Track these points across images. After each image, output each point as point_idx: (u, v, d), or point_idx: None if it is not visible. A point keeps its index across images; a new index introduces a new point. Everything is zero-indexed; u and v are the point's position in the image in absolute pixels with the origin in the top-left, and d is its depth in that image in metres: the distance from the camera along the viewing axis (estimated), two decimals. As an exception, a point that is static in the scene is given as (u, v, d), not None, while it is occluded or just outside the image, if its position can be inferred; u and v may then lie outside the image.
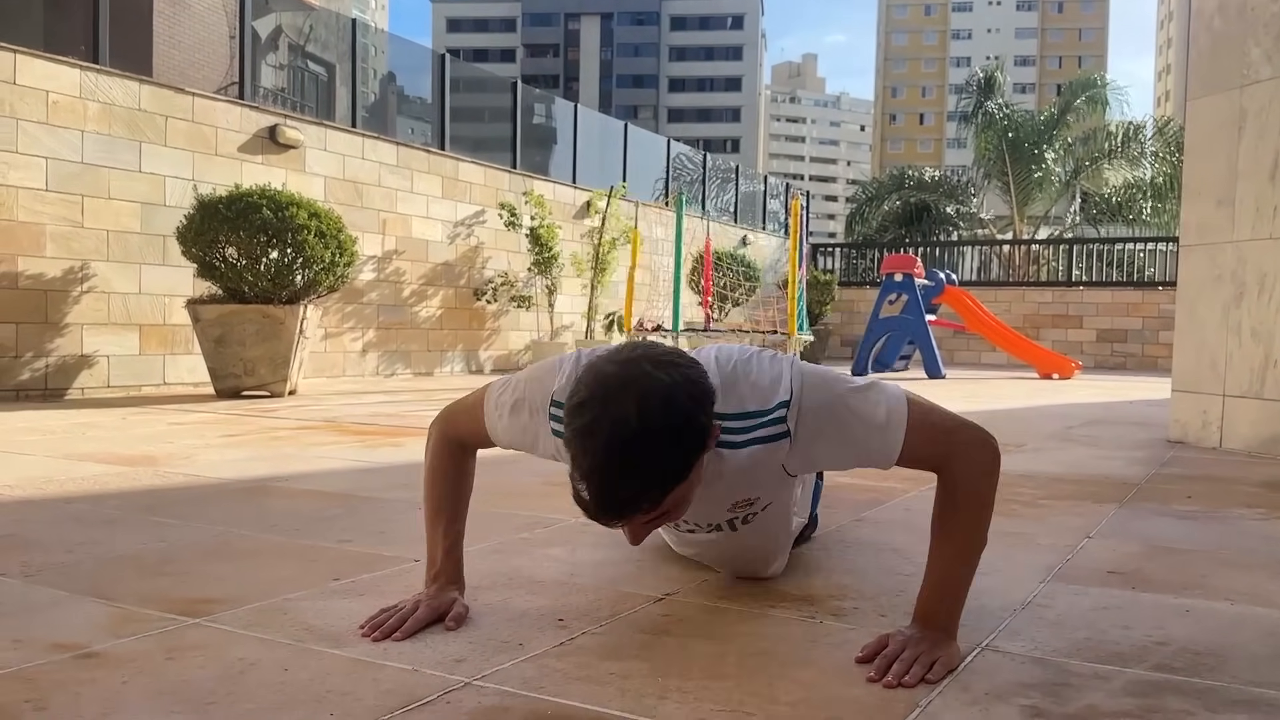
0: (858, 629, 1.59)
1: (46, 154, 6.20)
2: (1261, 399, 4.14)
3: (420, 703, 1.25)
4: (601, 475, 1.28)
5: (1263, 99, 4.16)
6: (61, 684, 1.30)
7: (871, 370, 10.87)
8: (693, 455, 1.34)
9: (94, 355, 6.50)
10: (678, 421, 1.30)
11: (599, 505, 1.30)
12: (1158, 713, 1.26)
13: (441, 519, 1.68)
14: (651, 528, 1.40)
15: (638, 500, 1.31)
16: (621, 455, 1.27)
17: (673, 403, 1.30)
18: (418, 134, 10.48)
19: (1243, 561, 2.15)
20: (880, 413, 1.48)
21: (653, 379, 1.30)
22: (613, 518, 1.33)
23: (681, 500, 1.37)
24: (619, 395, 1.29)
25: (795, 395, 1.46)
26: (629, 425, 1.27)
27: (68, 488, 2.86)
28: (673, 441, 1.30)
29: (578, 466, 1.30)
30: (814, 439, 1.49)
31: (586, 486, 1.29)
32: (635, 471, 1.28)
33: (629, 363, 1.33)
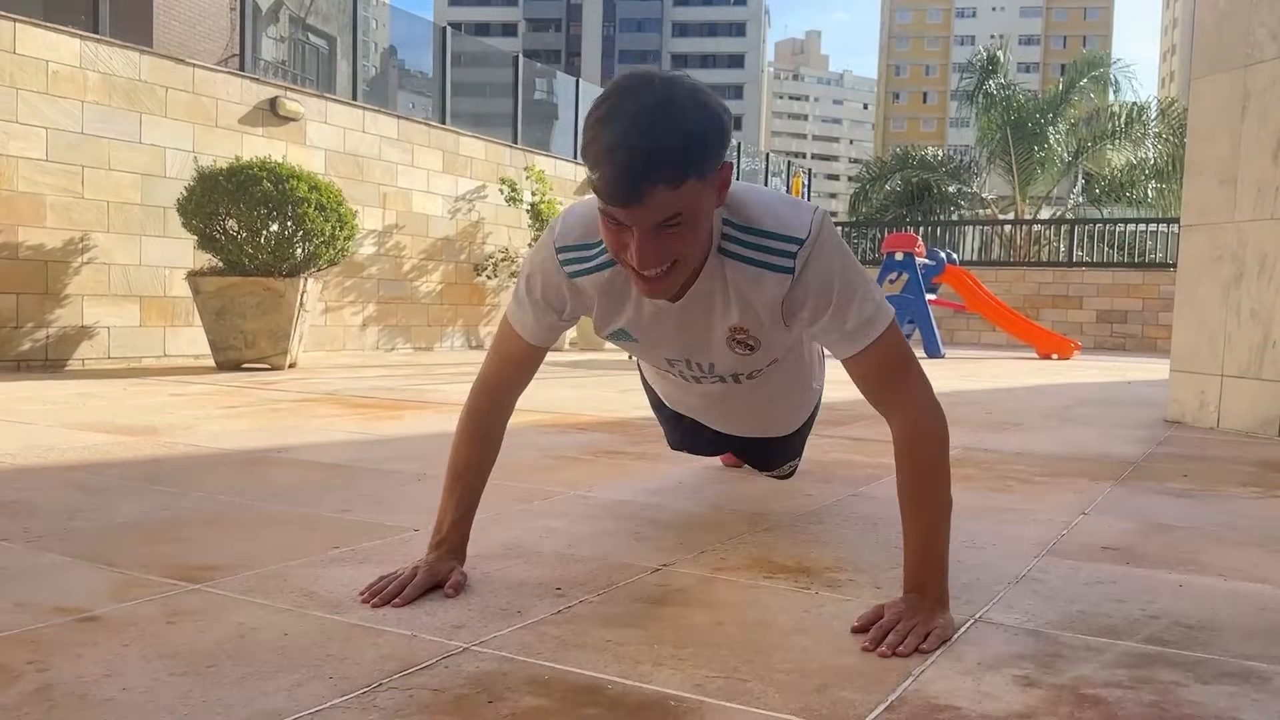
0: (853, 600, 1.61)
1: (46, 124, 6.18)
2: (1260, 379, 4.15)
3: (419, 667, 1.27)
4: (624, 141, 1.29)
5: (1267, 78, 4.14)
6: (63, 646, 1.32)
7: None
8: (713, 148, 1.35)
9: (94, 326, 6.51)
10: (704, 106, 1.33)
11: (621, 170, 1.30)
12: (1149, 684, 1.28)
13: (457, 487, 1.69)
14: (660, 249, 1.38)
15: (659, 168, 1.29)
16: (645, 122, 1.29)
17: (700, 92, 1.34)
18: (419, 108, 10.44)
19: (1237, 539, 2.17)
20: (870, 306, 1.53)
21: (679, 77, 1.35)
22: (632, 189, 1.31)
23: (694, 214, 1.37)
24: (645, 84, 1.33)
25: (811, 239, 1.49)
26: (655, 100, 1.30)
27: (69, 456, 2.88)
28: (697, 121, 1.32)
29: (598, 147, 1.31)
30: (808, 289, 1.52)
31: (607, 160, 1.30)
32: (659, 132, 1.29)
33: (654, 70, 1.38)
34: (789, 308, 1.56)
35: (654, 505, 2.36)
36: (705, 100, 1.35)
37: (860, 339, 1.53)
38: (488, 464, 1.74)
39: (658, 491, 2.53)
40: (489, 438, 1.73)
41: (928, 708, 1.18)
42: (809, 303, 1.54)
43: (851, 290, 1.52)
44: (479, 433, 1.72)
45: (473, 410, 1.73)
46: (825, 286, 1.52)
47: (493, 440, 1.74)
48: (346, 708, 1.13)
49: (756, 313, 1.59)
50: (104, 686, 1.18)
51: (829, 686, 1.24)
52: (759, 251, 1.51)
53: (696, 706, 1.16)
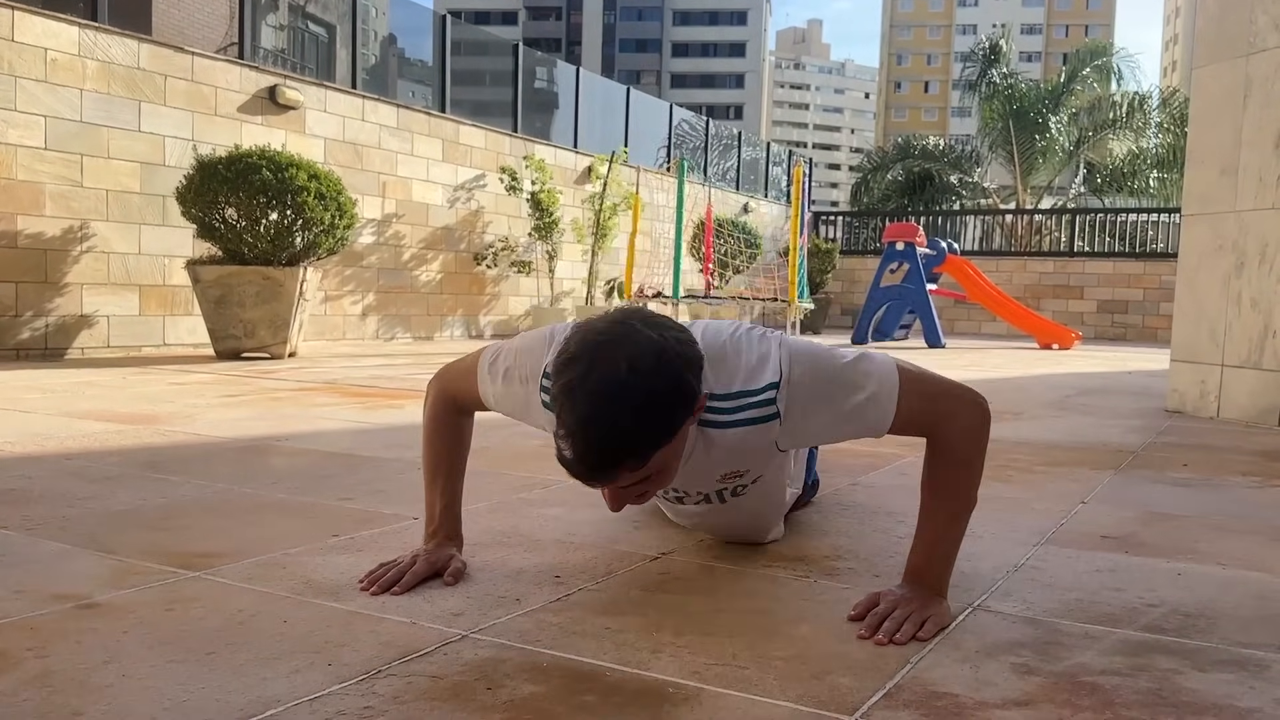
0: (852, 588, 1.61)
1: (45, 112, 6.17)
2: (1260, 369, 4.15)
3: (418, 654, 1.27)
4: (586, 431, 1.27)
5: (1269, 67, 4.13)
6: (63, 633, 1.32)
7: (871, 339, 10.88)
8: (680, 417, 1.33)
9: (94, 315, 6.50)
10: (667, 380, 1.30)
11: (582, 462, 1.29)
12: (1146, 671, 1.28)
13: (439, 476, 1.70)
14: (633, 494, 1.39)
15: (621, 459, 1.29)
16: (607, 410, 1.26)
17: (662, 362, 1.30)
18: (418, 97, 10.41)
19: (1236, 528, 2.17)
20: (870, 385, 1.47)
21: (643, 336, 1.30)
22: (595, 476, 1.32)
23: (666, 466, 1.36)
24: (608, 352, 1.28)
25: (784, 375, 1.45)
26: (617, 380, 1.26)
27: (68, 444, 2.88)
28: (661, 400, 1.29)
29: (563, 423, 1.29)
30: (804, 417, 1.48)
31: (570, 443, 1.29)
32: (620, 429, 1.27)
33: (619, 322, 1.33)
34: (788, 440, 1.53)
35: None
36: (669, 359, 1.31)
37: (884, 418, 1.48)
38: (463, 454, 1.74)
39: (657, 480, 2.53)
40: (459, 429, 1.73)
41: (925, 695, 1.18)
42: (813, 424, 1.50)
43: (845, 389, 1.48)
44: (447, 426, 1.72)
45: (436, 409, 1.72)
46: (823, 405, 1.48)
47: (463, 431, 1.74)
48: (345, 694, 1.14)
49: (748, 458, 1.57)
50: (103, 673, 1.18)
51: (827, 674, 1.24)
52: (741, 413, 1.47)
53: (695, 693, 1.16)
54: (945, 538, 1.50)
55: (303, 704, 1.11)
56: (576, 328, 1.38)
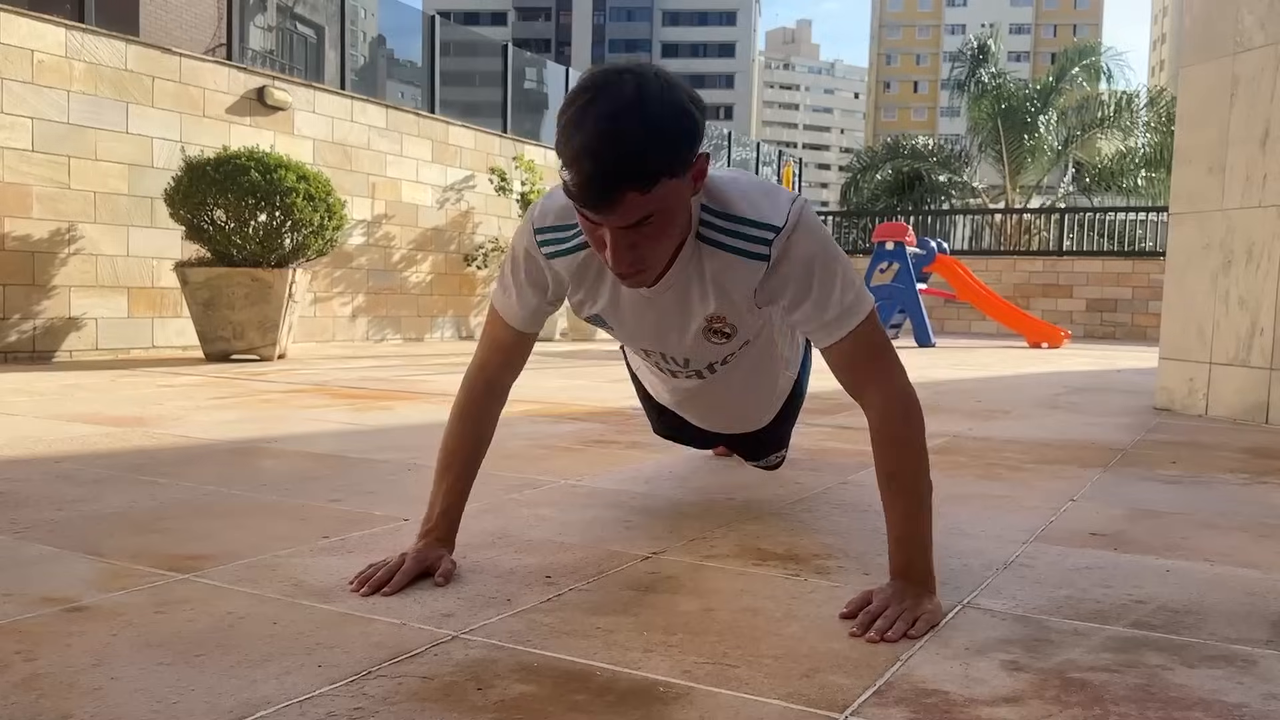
0: (842, 586, 1.61)
1: (32, 114, 6.14)
2: (1248, 366, 4.17)
3: (408, 655, 1.27)
4: (594, 146, 1.27)
5: (1255, 66, 4.15)
6: (52, 635, 1.31)
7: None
8: (685, 146, 1.34)
9: (82, 317, 6.48)
10: (674, 105, 1.32)
11: (590, 177, 1.29)
12: (1135, 667, 1.28)
13: (447, 476, 1.69)
14: (634, 249, 1.38)
15: (629, 177, 1.29)
16: (617, 124, 1.27)
17: (671, 91, 1.32)
18: (408, 98, 10.39)
19: (1224, 524, 2.18)
20: (850, 292, 1.52)
21: (652, 69, 1.33)
22: (602, 197, 1.30)
23: (667, 213, 1.37)
24: (616, 78, 1.31)
25: (788, 227, 1.49)
26: (624, 100, 1.28)
27: (57, 447, 2.87)
28: (668, 122, 1.31)
29: (569, 149, 1.30)
30: (786, 277, 1.52)
31: (578, 164, 1.29)
32: (629, 141, 1.27)
33: (626, 63, 1.35)
34: (764, 295, 1.56)
35: (644, 494, 2.36)
36: (677, 96, 1.33)
37: (839, 328, 1.53)
38: (479, 453, 1.73)
39: (648, 480, 2.53)
40: (481, 426, 1.73)
41: (916, 692, 1.18)
42: (787, 291, 1.54)
43: (830, 279, 1.52)
44: (471, 421, 1.72)
45: (465, 398, 1.73)
46: (803, 275, 1.52)
47: (485, 428, 1.74)
48: (336, 695, 1.13)
49: (732, 299, 1.59)
50: (92, 675, 1.18)
51: (817, 672, 1.24)
52: (735, 238, 1.51)
53: (685, 692, 1.16)
54: (918, 527, 1.51)
55: (293, 705, 1.10)
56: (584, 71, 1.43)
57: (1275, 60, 4.06)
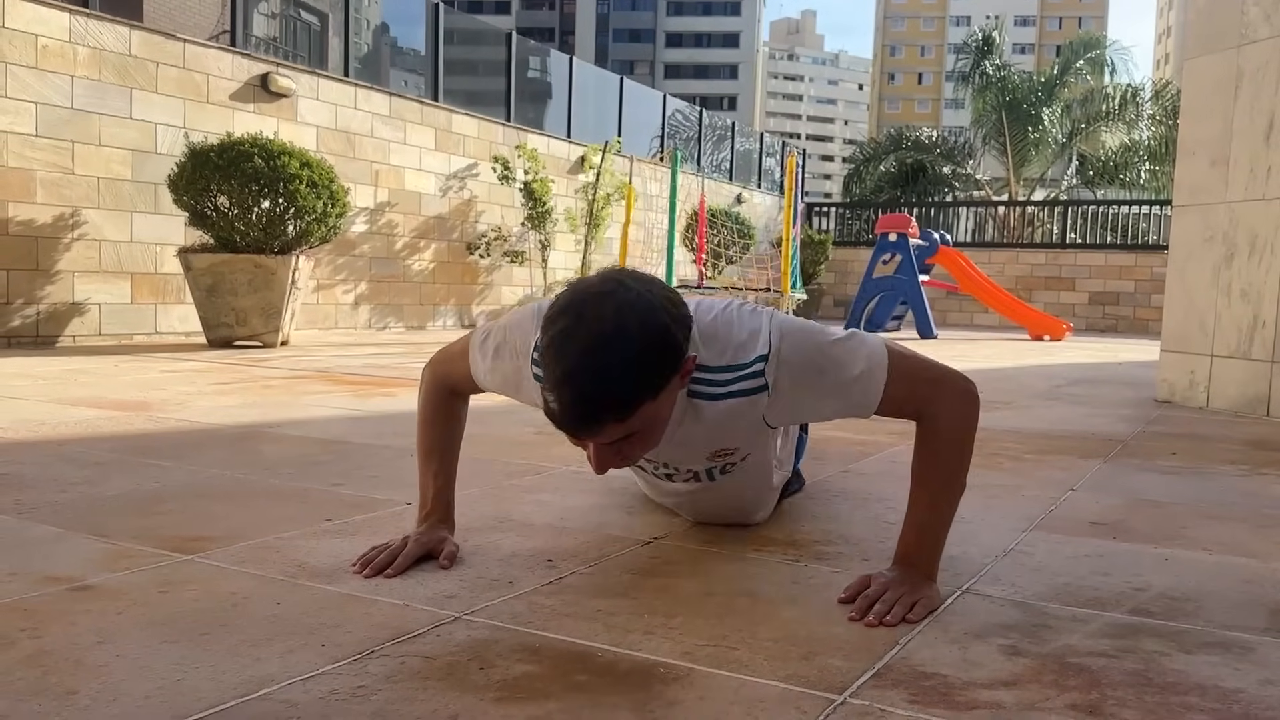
0: (842, 572, 1.62)
1: (36, 99, 6.14)
2: (1249, 359, 4.17)
3: (411, 635, 1.28)
4: (573, 381, 1.27)
5: (1259, 59, 4.14)
6: (57, 614, 1.32)
7: (864, 330, 10.89)
8: (667, 371, 1.33)
9: (85, 303, 6.48)
10: (654, 333, 1.31)
11: (568, 412, 1.29)
12: (1133, 653, 1.29)
13: (433, 461, 1.70)
14: (618, 454, 1.39)
15: (607, 410, 1.30)
16: (594, 362, 1.27)
17: (651, 315, 1.31)
18: (411, 85, 10.38)
19: (1223, 514, 2.19)
20: (859, 363, 1.48)
21: (632, 292, 1.31)
22: (581, 428, 1.32)
23: (651, 425, 1.37)
24: (596, 306, 1.29)
25: (774, 348, 1.46)
26: (604, 333, 1.27)
27: (61, 431, 2.88)
28: (648, 354, 1.30)
29: (550, 375, 1.30)
30: (793, 391, 1.49)
31: (557, 394, 1.29)
32: (607, 380, 1.27)
33: (609, 279, 1.34)
34: (776, 415, 1.54)
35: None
36: (656, 319, 1.31)
37: (871, 397, 1.49)
38: (457, 436, 1.75)
39: (649, 467, 2.54)
40: (453, 413, 1.74)
41: (914, 675, 1.19)
42: (804, 399, 1.51)
43: (835, 365, 1.49)
44: (442, 410, 1.73)
45: (431, 392, 1.73)
46: (811, 380, 1.49)
47: (457, 415, 1.75)
48: (339, 674, 1.14)
49: (737, 432, 1.57)
50: (97, 653, 1.19)
51: (816, 655, 1.25)
52: (731, 385, 1.48)
53: (685, 673, 1.17)
54: (935, 522, 1.52)
55: (296, 683, 1.11)
56: (567, 286, 1.39)
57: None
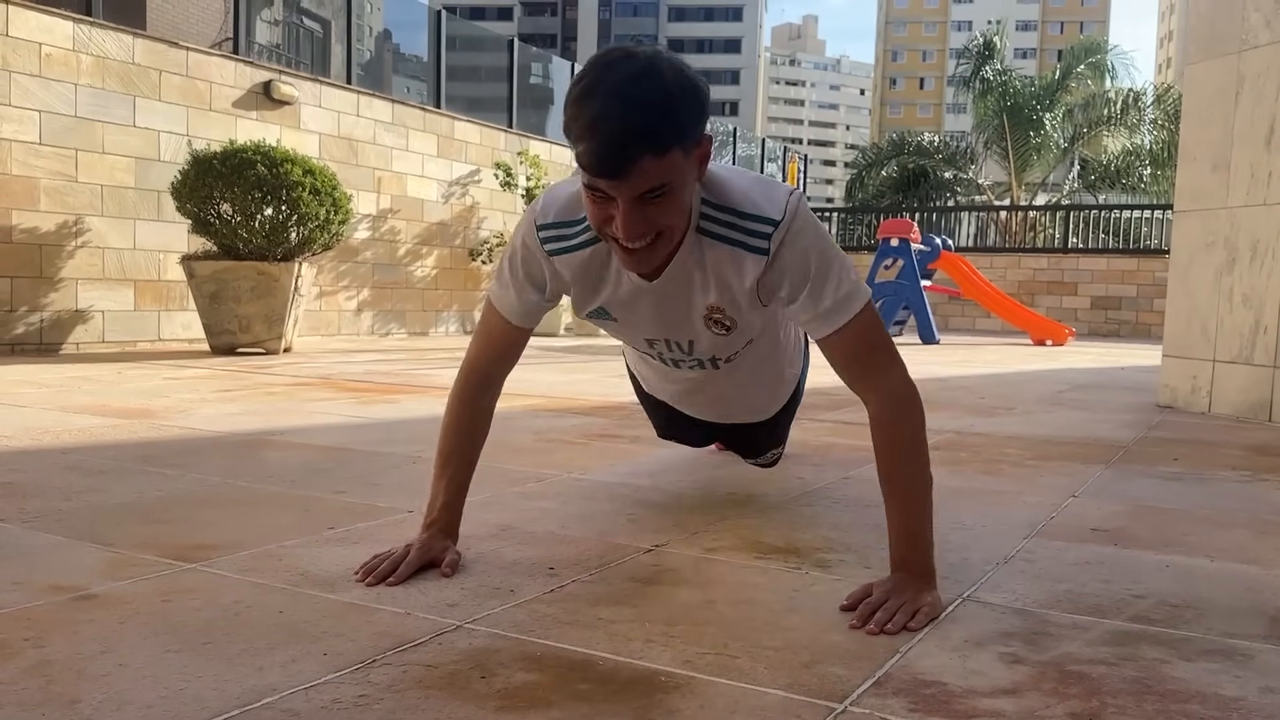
0: (843, 580, 1.62)
1: (40, 107, 6.16)
2: (1251, 364, 4.17)
3: (413, 644, 1.28)
4: (612, 108, 1.30)
5: (1261, 64, 4.15)
6: (60, 623, 1.33)
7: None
8: (696, 119, 1.37)
9: (89, 310, 6.50)
10: (686, 78, 1.35)
11: (602, 148, 1.31)
12: (1133, 660, 1.29)
13: (448, 469, 1.71)
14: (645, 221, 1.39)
15: (645, 142, 1.31)
16: (629, 94, 1.31)
17: (678, 65, 1.36)
18: (413, 92, 10.41)
19: (1225, 521, 2.19)
20: (846, 284, 1.54)
21: (658, 52, 1.36)
22: (618, 162, 1.32)
23: (676, 187, 1.38)
24: (624, 56, 1.35)
25: (786, 220, 1.51)
26: (636, 72, 1.32)
27: (64, 438, 2.88)
28: (680, 92, 1.34)
29: (581, 123, 1.32)
30: (783, 270, 1.53)
31: (593, 132, 1.31)
32: (646, 100, 1.31)
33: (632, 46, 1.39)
34: (765, 288, 1.58)
35: (647, 487, 2.38)
36: (685, 71, 1.37)
37: (835, 319, 1.54)
38: (477, 445, 1.75)
39: (651, 474, 2.54)
40: (477, 419, 1.75)
41: (915, 684, 1.19)
42: (785, 283, 1.55)
43: (827, 270, 1.54)
44: (466, 415, 1.73)
45: (460, 393, 1.75)
46: (801, 267, 1.53)
47: (481, 422, 1.75)
48: (341, 683, 1.15)
49: (733, 293, 1.61)
50: (101, 662, 1.19)
51: (817, 663, 1.25)
52: (735, 231, 1.53)
53: (686, 682, 1.18)
54: (916, 521, 1.53)
55: (298, 692, 1.12)
56: None
57: (1281, 58, 4.05)
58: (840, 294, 1.54)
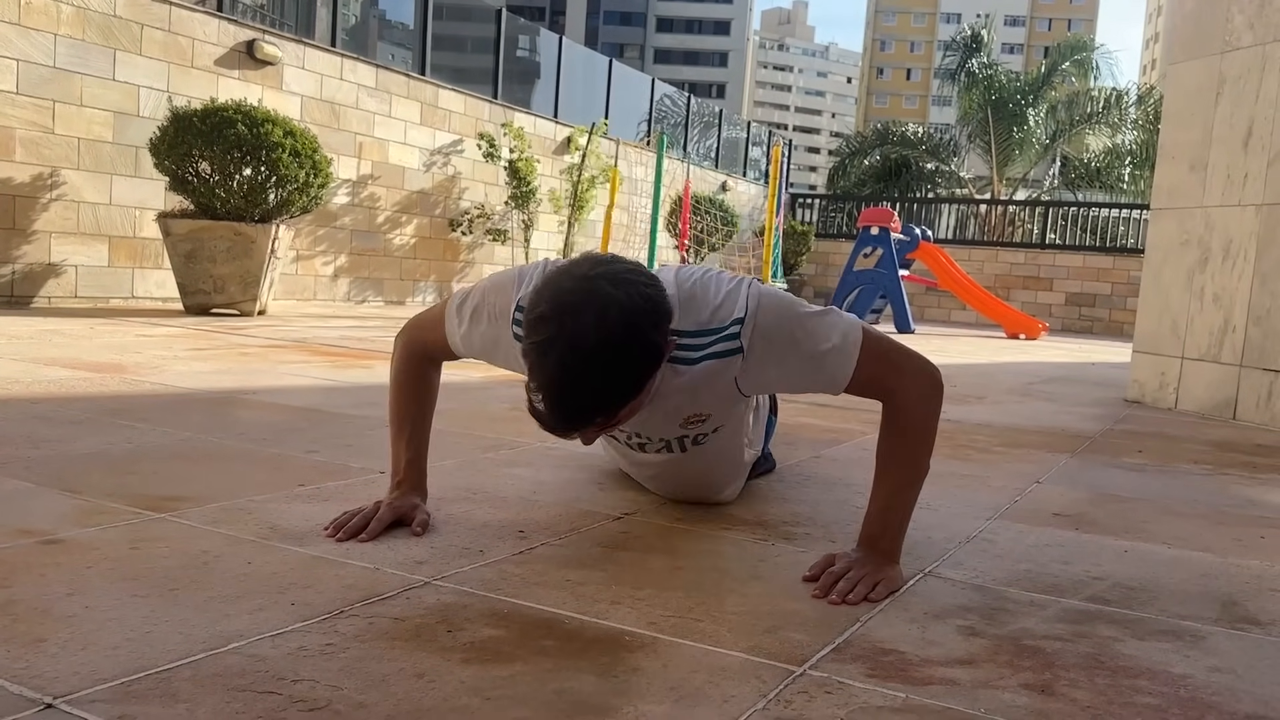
0: (808, 552, 1.65)
1: (18, 56, 6.06)
2: (1219, 363, 4.23)
3: (380, 597, 1.29)
4: (557, 389, 1.30)
5: (1242, 66, 4.19)
6: (27, 566, 1.33)
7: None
8: (647, 374, 1.37)
9: (62, 265, 6.42)
10: (633, 341, 1.32)
11: (554, 418, 1.33)
12: (1088, 638, 1.32)
13: (405, 429, 1.71)
14: (606, 432, 1.44)
15: (591, 415, 1.34)
16: (577, 372, 1.29)
17: (629, 323, 1.32)
18: (398, 60, 10.31)
19: (1184, 511, 2.23)
20: (834, 337, 1.52)
21: (610, 298, 1.31)
22: (567, 429, 1.36)
23: (636, 408, 1.41)
24: (577, 312, 1.30)
25: (751, 312, 1.49)
26: (585, 344, 1.29)
27: (34, 390, 2.86)
28: (627, 361, 1.33)
29: (534, 379, 1.32)
30: (766, 357, 1.51)
31: (544, 399, 1.32)
32: (589, 388, 1.31)
33: (588, 279, 1.34)
34: (748, 381, 1.55)
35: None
36: (637, 321, 1.32)
37: (844, 369, 1.52)
38: (429, 406, 1.76)
39: (623, 446, 2.56)
40: (425, 382, 1.75)
41: (873, 651, 1.22)
42: (772, 365, 1.53)
43: (809, 335, 1.51)
44: (414, 379, 1.74)
45: (404, 362, 1.74)
46: (784, 346, 1.51)
47: (429, 385, 1.76)
48: (308, 631, 1.16)
49: (715, 395, 1.59)
50: (67, 604, 1.20)
51: (779, 628, 1.27)
52: (709, 347, 1.50)
53: (650, 641, 1.20)
54: (899, 504, 1.55)
55: (265, 639, 1.13)
56: (545, 279, 1.39)
57: (1262, 61, 4.10)
58: (832, 344, 1.51)
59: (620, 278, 1.35)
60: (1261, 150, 4.07)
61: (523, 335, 1.36)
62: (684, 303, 1.49)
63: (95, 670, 1.02)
